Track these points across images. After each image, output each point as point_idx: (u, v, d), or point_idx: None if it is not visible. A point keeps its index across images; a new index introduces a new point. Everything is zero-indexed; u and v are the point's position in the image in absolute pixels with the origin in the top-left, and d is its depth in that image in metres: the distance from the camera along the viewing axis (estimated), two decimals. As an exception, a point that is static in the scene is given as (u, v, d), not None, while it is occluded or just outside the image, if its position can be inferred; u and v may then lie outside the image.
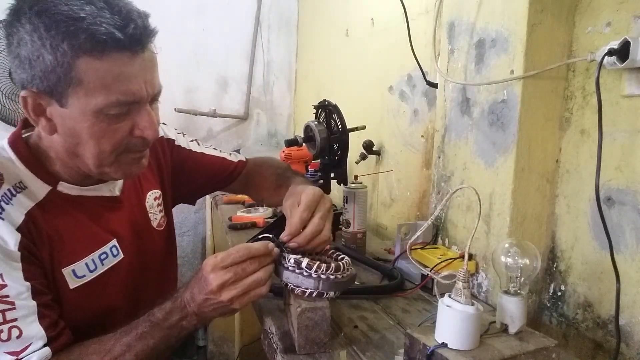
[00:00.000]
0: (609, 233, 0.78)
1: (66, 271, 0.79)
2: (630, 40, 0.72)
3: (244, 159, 1.19)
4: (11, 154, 0.78)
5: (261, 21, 2.78)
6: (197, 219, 2.64)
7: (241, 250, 0.74)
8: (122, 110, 0.73)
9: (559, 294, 0.92)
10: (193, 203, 1.21)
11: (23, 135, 0.82)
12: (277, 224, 0.86)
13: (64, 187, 0.81)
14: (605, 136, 0.78)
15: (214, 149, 1.17)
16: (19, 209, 0.74)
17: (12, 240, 0.71)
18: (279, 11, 2.82)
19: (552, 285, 0.94)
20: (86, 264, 0.82)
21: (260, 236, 0.85)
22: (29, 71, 0.69)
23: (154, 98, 0.77)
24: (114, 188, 0.90)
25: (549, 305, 0.95)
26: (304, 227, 0.80)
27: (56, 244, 0.78)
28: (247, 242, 0.89)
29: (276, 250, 0.77)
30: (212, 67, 2.71)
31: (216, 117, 2.70)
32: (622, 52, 0.74)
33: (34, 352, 0.70)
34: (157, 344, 0.74)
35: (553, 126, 0.91)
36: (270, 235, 0.80)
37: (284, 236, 0.80)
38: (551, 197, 0.94)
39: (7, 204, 0.73)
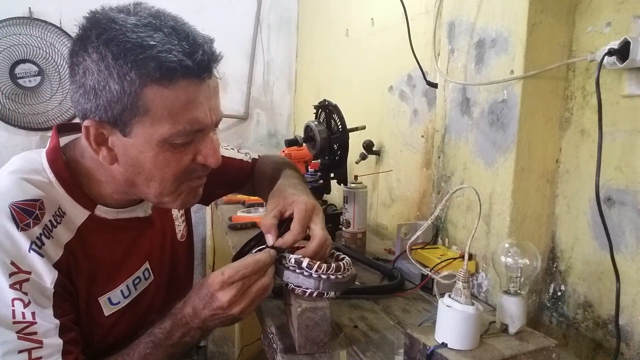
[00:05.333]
0: (609, 233, 0.78)
1: (102, 299, 0.80)
2: (630, 40, 0.72)
3: (256, 157, 1.18)
4: (51, 176, 0.75)
5: (261, 21, 2.78)
6: (197, 219, 2.64)
7: (250, 265, 0.73)
8: (187, 139, 0.72)
9: (559, 294, 0.92)
10: (207, 204, 1.20)
11: (61, 145, 0.80)
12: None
13: (101, 211, 0.80)
14: (605, 136, 0.78)
15: (232, 149, 1.15)
16: (58, 242, 0.72)
17: (49, 278, 0.70)
18: (279, 11, 2.82)
19: (552, 285, 0.94)
20: (121, 291, 0.83)
21: (256, 246, 0.85)
22: (94, 101, 0.67)
23: (215, 125, 0.76)
24: (148, 208, 0.89)
25: (549, 305, 0.95)
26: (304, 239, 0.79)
27: (94, 274, 0.78)
28: (242, 248, 0.89)
29: (274, 252, 0.77)
30: (212, 67, 2.71)
31: (216, 117, 2.70)
32: (622, 52, 0.74)
33: None
34: None
35: (553, 126, 0.91)
36: (267, 247, 0.79)
37: (276, 245, 0.78)
38: (551, 197, 0.94)
39: (48, 237, 0.71)
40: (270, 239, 0.77)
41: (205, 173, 0.80)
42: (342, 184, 1.37)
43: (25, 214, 0.69)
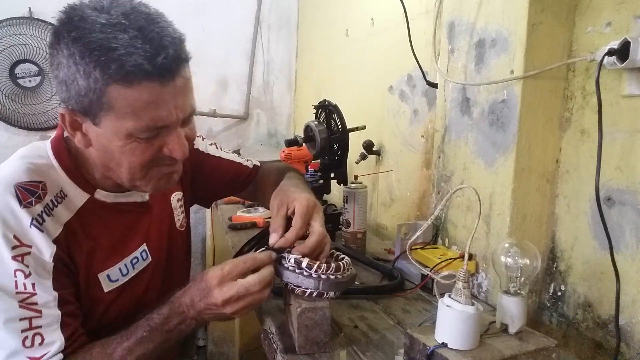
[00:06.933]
0: (609, 233, 0.78)
1: (101, 276, 0.84)
2: (630, 40, 0.73)
3: (258, 164, 1.20)
4: (53, 161, 0.81)
5: (261, 21, 2.78)
6: (197, 219, 2.64)
7: (248, 261, 0.76)
8: (152, 134, 0.74)
9: (559, 294, 0.92)
10: (208, 206, 1.24)
11: (65, 135, 0.83)
12: (268, 231, 0.87)
13: (100, 195, 0.84)
14: (605, 136, 0.78)
15: (232, 153, 1.18)
16: (58, 221, 0.77)
17: (48, 252, 0.74)
18: (279, 11, 2.82)
19: (552, 285, 0.94)
20: (119, 269, 0.86)
21: (256, 246, 0.86)
22: (66, 92, 0.71)
23: (186, 120, 0.78)
24: (145, 194, 0.92)
25: (549, 305, 0.95)
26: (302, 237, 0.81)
27: (93, 251, 0.82)
28: (244, 246, 0.92)
29: (274, 254, 0.79)
30: (212, 67, 2.71)
31: (216, 117, 2.71)
32: (622, 52, 0.74)
33: (49, 359, 0.72)
34: (157, 347, 0.77)
35: (553, 126, 0.91)
36: (267, 248, 0.81)
37: (278, 244, 0.79)
38: (551, 197, 0.94)
39: (49, 215, 0.76)
40: (274, 237, 0.80)
41: (174, 162, 0.81)
42: (342, 184, 1.37)
43: (29, 193, 0.75)
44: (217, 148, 1.15)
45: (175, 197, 1.03)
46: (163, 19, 0.72)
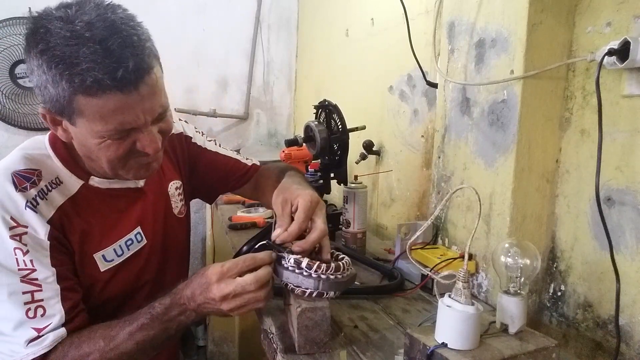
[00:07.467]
0: (609, 233, 0.78)
1: (97, 256, 0.88)
2: (630, 40, 0.72)
3: (257, 163, 1.23)
4: (50, 152, 0.87)
5: (261, 21, 2.78)
6: (197, 219, 2.64)
7: (247, 260, 0.78)
8: (122, 135, 0.78)
9: (559, 294, 0.93)
10: (209, 201, 1.29)
11: None
12: (268, 231, 0.88)
13: (94, 182, 0.89)
14: (605, 136, 0.78)
15: (232, 150, 1.21)
16: (52, 204, 0.83)
17: (43, 231, 0.80)
18: (279, 11, 2.82)
19: (552, 285, 0.94)
20: (114, 250, 0.91)
21: (257, 244, 0.87)
22: (41, 96, 0.76)
23: (158, 117, 0.80)
24: (139, 180, 0.96)
25: (549, 305, 0.95)
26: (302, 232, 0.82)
27: (87, 233, 0.87)
28: (243, 246, 0.95)
29: (274, 254, 0.79)
30: (212, 67, 2.72)
31: (216, 117, 2.71)
32: (622, 52, 0.74)
33: (52, 331, 0.77)
34: (157, 334, 0.80)
35: (553, 126, 0.91)
36: (269, 242, 0.82)
37: (280, 238, 0.80)
38: (551, 197, 0.94)
39: (42, 199, 0.82)
40: (278, 231, 0.82)
41: (149, 154, 0.84)
42: (342, 184, 1.37)
43: (24, 179, 0.81)
44: (216, 144, 1.18)
45: (174, 185, 1.07)
46: (129, 25, 0.73)
